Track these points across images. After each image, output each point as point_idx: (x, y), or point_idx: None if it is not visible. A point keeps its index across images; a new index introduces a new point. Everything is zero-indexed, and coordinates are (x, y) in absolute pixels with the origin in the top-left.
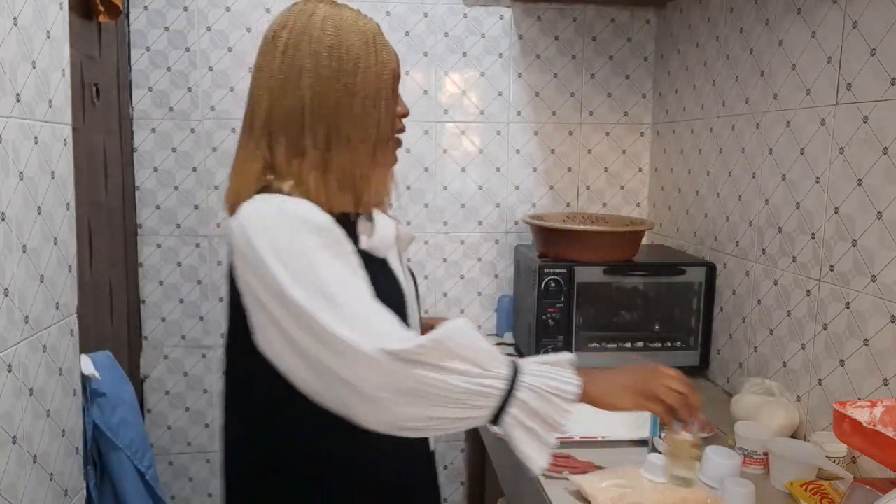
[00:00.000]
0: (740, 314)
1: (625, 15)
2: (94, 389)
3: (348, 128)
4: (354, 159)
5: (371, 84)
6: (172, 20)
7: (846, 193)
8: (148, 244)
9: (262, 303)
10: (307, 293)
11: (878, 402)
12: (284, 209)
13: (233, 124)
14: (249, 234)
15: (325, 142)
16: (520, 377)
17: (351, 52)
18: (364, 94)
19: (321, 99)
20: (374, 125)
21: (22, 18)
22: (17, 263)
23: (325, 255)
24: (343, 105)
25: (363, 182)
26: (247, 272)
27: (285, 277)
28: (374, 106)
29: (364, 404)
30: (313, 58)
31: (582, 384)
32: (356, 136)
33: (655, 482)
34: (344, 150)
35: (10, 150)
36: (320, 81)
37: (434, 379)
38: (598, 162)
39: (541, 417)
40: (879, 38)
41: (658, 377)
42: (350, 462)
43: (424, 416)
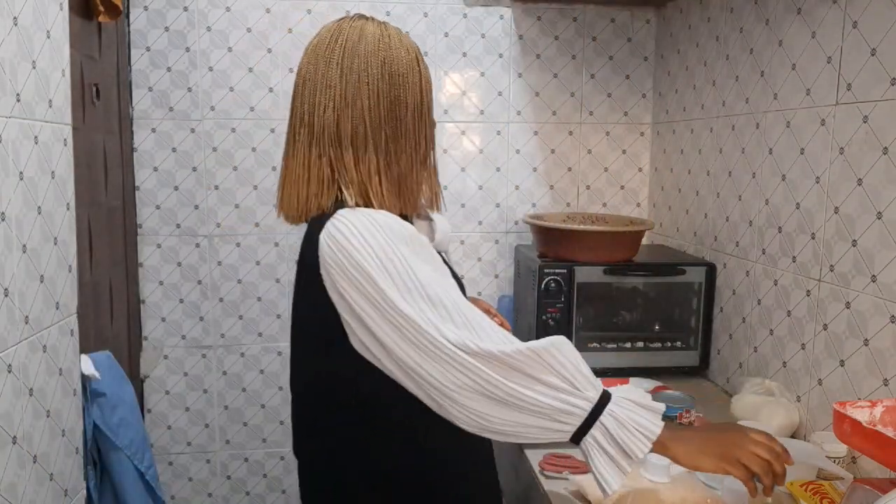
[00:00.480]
0: (740, 314)
1: (625, 15)
2: (94, 389)
3: (403, 137)
4: (410, 165)
5: (417, 96)
6: (172, 20)
7: (846, 193)
8: (148, 244)
9: (366, 313)
10: (412, 300)
11: (878, 402)
12: (377, 222)
13: (233, 124)
14: (349, 250)
15: (385, 150)
16: (609, 405)
17: (400, 67)
18: (413, 106)
19: (379, 110)
20: (423, 134)
21: (22, 18)
22: (17, 263)
23: (418, 262)
24: (398, 116)
25: (418, 186)
26: (348, 287)
27: (391, 289)
28: (422, 117)
29: (454, 404)
30: (369, 71)
31: (663, 430)
32: (410, 144)
33: (655, 482)
34: (402, 157)
35: (10, 150)
36: (377, 93)
37: (523, 388)
38: (598, 162)
39: (619, 445)
40: (879, 38)
41: (745, 443)
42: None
43: (512, 421)
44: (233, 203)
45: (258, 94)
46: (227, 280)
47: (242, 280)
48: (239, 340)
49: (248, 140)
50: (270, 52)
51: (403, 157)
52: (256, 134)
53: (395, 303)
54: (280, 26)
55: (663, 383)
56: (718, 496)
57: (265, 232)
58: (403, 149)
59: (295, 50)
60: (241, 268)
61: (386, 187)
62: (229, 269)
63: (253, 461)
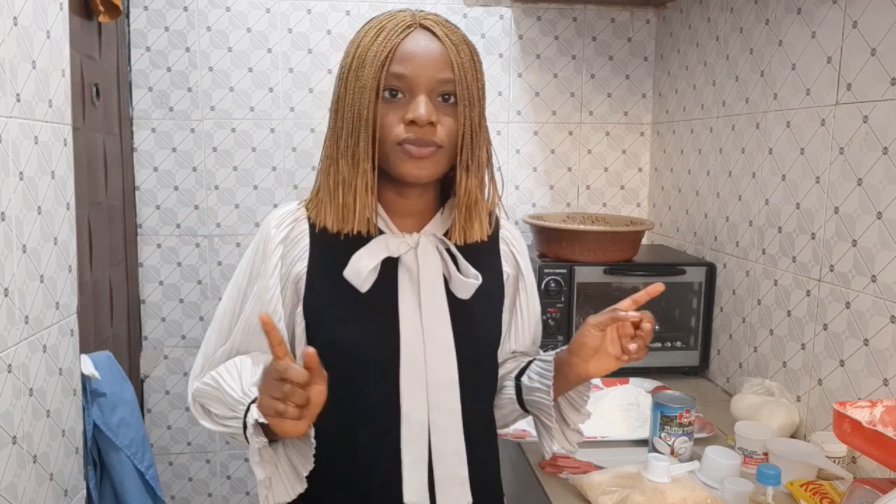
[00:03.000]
0: (740, 314)
1: (625, 15)
2: (94, 389)
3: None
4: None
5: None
6: (172, 20)
7: (846, 193)
8: (148, 244)
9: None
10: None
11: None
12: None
13: (233, 124)
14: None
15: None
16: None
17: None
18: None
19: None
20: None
21: (22, 18)
22: (17, 263)
23: (239, 271)
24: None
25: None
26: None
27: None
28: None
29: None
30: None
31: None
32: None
33: (655, 482)
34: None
35: (10, 150)
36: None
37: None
38: (598, 162)
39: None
40: (879, 38)
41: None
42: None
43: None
44: (233, 203)
45: (258, 94)
46: (227, 280)
47: None
48: None
49: (248, 140)
50: (270, 52)
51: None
52: (256, 134)
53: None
54: (280, 26)
55: (663, 383)
56: (718, 496)
57: None
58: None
59: (295, 50)
60: None
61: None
62: (229, 269)
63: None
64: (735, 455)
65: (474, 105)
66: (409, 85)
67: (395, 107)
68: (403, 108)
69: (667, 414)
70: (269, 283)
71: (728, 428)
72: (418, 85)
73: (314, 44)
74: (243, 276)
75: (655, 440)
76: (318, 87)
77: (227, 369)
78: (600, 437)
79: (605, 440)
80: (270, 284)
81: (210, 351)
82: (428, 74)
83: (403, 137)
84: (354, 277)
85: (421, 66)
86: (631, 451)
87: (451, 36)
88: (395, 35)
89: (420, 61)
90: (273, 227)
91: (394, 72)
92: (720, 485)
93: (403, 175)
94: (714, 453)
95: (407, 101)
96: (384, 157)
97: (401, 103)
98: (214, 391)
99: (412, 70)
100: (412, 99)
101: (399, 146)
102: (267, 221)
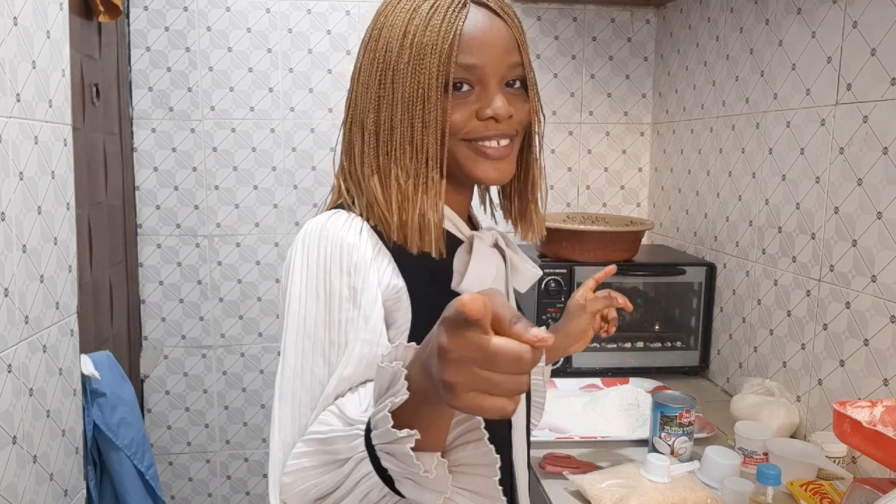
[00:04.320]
0: (740, 314)
1: (625, 15)
2: (94, 389)
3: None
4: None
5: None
6: (172, 20)
7: (846, 193)
8: (148, 244)
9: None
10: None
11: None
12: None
13: (233, 124)
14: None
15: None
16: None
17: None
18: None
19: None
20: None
21: (22, 18)
22: (17, 263)
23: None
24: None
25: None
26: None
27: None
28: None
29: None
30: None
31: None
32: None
33: (655, 482)
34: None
35: (10, 150)
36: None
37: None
38: (598, 162)
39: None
40: (879, 38)
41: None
42: None
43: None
44: (233, 203)
45: (258, 94)
46: (227, 280)
47: (242, 280)
48: (239, 340)
49: (248, 140)
50: (270, 52)
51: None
52: (256, 134)
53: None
54: (280, 26)
55: (663, 383)
56: (718, 496)
57: (265, 232)
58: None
59: (295, 50)
60: (241, 268)
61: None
62: (229, 269)
63: (253, 461)
64: (735, 455)
65: (535, 85)
66: (479, 76)
67: (463, 101)
68: (474, 101)
69: (667, 414)
70: (378, 303)
71: (728, 428)
72: (490, 75)
73: (314, 44)
74: (316, 317)
75: (655, 440)
76: (318, 87)
77: (321, 422)
78: (600, 437)
79: (605, 440)
80: (379, 304)
81: (288, 439)
82: (499, 62)
83: (477, 135)
84: (477, 286)
85: (491, 52)
86: (631, 451)
87: (507, 9)
88: (453, 16)
89: (489, 47)
90: (349, 235)
91: (463, 62)
92: (720, 485)
93: (480, 179)
94: (714, 453)
95: (477, 93)
96: (450, 159)
97: (470, 97)
98: (318, 451)
99: (483, 59)
100: (484, 91)
101: (470, 145)
102: (333, 236)
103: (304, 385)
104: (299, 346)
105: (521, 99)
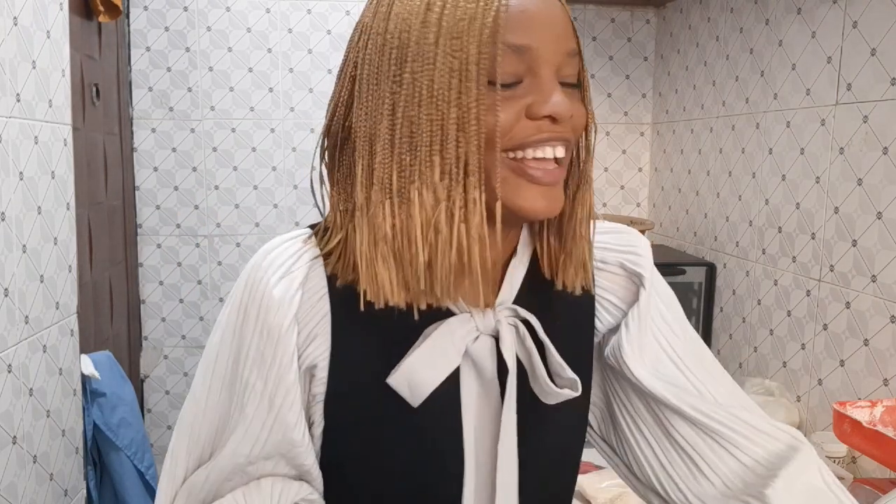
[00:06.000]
0: (740, 314)
1: (625, 15)
2: (94, 389)
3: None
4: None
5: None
6: (172, 20)
7: (846, 193)
8: (148, 244)
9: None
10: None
11: (878, 402)
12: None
13: (233, 124)
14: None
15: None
16: None
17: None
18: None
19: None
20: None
21: (22, 18)
22: (17, 263)
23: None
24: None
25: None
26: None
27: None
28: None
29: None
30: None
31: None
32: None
33: None
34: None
35: (10, 150)
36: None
37: None
38: (598, 162)
39: None
40: (879, 38)
41: None
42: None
43: None
44: (233, 203)
45: (258, 94)
46: (227, 280)
47: None
48: None
49: (248, 140)
50: (270, 52)
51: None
52: (256, 134)
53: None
54: (280, 26)
55: None
56: None
57: (265, 232)
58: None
59: (295, 50)
60: (241, 268)
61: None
62: (229, 269)
63: None
64: None
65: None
66: (531, 63)
67: (510, 96)
68: (521, 96)
69: None
70: (286, 381)
71: None
72: (546, 62)
73: (314, 44)
74: (228, 358)
75: None
76: (318, 87)
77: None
78: None
79: None
80: (289, 383)
81: (181, 468)
82: (556, 47)
83: (522, 141)
84: (406, 391)
85: (547, 33)
86: None
87: None
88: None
89: (545, 27)
90: (277, 285)
91: (512, 43)
92: None
93: (525, 211)
94: None
95: (526, 86)
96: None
97: (517, 91)
98: None
99: (537, 40)
100: (536, 82)
101: (513, 162)
102: (261, 276)
103: (205, 421)
104: (206, 382)
105: (576, 99)
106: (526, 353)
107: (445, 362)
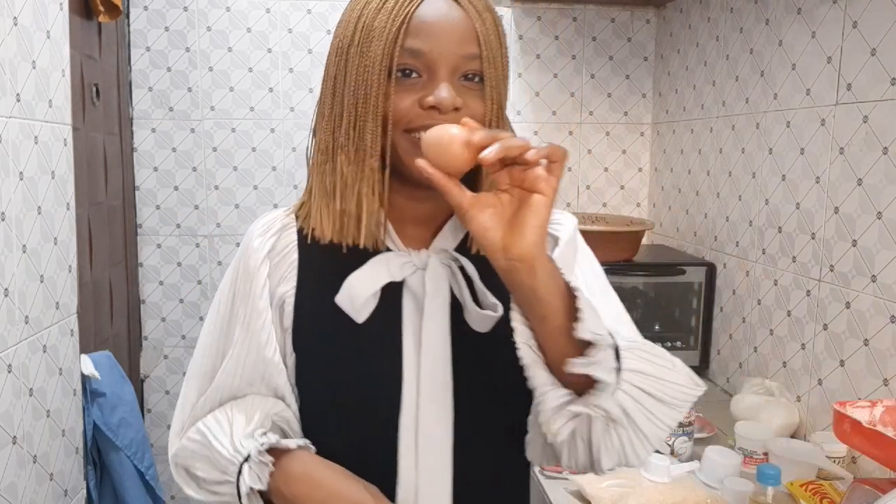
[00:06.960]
0: (740, 314)
1: (625, 15)
2: (94, 389)
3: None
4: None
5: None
6: (172, 20)
7: (846, 193)
8: (148, 244)
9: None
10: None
11: (878, 402)
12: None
13: (233, 124)
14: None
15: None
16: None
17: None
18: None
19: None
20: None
21: (22, 18)
22: (17, 263)
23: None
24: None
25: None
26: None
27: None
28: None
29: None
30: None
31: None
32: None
33: (655, 482)
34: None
35: (10, 150)
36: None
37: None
38: (598, 162)
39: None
40: (879, 38)
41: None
42: None
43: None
44: (233, 203)
45: (258, 94)
46: None
47: None
48: None
49: (248, 140)
50: (270, 52)
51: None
52: (256, 134)
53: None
54: (280, 26)
55: None
56: (718, 496)
57: None
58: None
59: (295, 50)
60: None
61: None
62: None
63: None
64: (735, 455)
65: (501, 85)
66: (427, 63)
67: (409, 88)
68: (420, 89)
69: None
70: (258, 307)
71: (728, 428)
72: (439, 63)
73: (314, 44)
74: (225, 303)
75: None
76: (318, 87)
77: (216, 419)
78: None
79: None
80: (261, 308)
81: (191, 400)
82: (450, 50)
83: (418, 125)
84: (348, 305)
85: (442, 39)
86: None
87: (474, 1)
88: (407, 1)
89: (440, 34)
90: (256, 236)
91: (409, 47)
92: (720, 485)
93: (415, 175)
94: (714, 453)
95: (424, 81)
96: (392, 151)
97: (416, 84)
98: (201, 448)
99: (431, 45)
100: (431, 79)
101: (410, 137)
102: (249, 233)
103: (208, 358)
104: (208, 328)
105: (477, 95)
106: (458, 287)
107: (376, 279)
